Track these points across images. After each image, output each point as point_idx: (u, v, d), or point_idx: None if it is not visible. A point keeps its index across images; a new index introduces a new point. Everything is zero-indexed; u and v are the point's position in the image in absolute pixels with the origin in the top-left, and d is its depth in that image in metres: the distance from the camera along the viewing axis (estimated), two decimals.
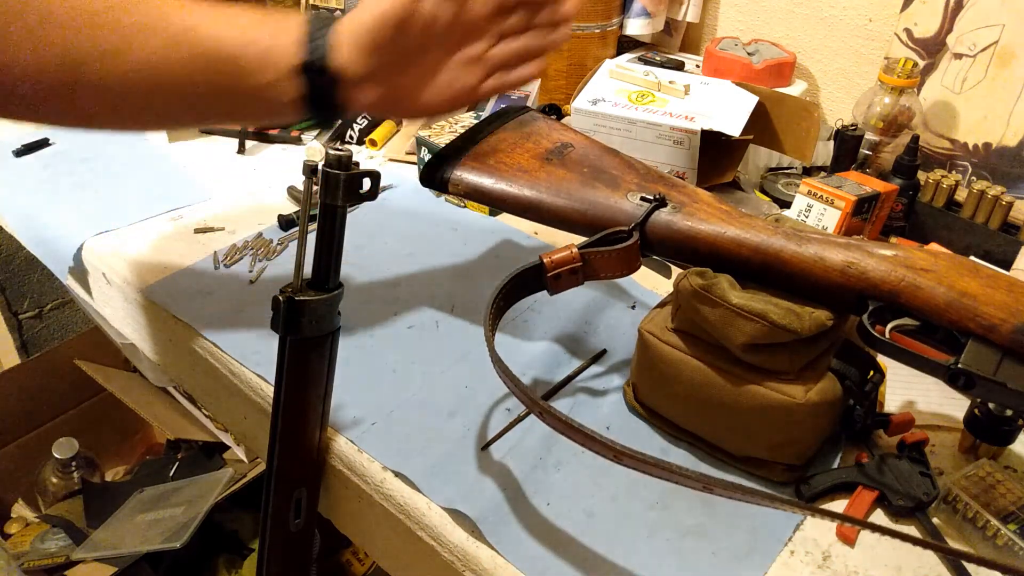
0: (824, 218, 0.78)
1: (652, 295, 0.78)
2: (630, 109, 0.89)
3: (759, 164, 0.98)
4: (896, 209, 0.85)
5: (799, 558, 0.54)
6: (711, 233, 0.57)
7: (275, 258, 0.81)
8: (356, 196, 0.55)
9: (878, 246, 0.54)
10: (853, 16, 1.04)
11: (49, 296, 1.64)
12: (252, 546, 1.30)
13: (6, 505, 1.40)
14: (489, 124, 0.70)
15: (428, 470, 0.58)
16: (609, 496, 0.57)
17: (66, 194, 0.91)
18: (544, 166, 0.65)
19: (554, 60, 1.10)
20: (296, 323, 0.55)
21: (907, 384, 0.67)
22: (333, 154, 0.54)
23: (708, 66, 1.08)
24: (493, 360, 0.53)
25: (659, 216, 0.59)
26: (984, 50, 0.90)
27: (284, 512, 0.59)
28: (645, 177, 0.63)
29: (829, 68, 1.10)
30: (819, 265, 0.54)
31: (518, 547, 0.53)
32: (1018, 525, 0.54)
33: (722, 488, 0.45)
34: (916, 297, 0.51)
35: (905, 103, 0.91)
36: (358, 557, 1.38)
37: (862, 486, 0.57)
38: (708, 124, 0.86)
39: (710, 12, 1.19)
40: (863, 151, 0.93)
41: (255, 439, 0.72)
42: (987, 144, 0.93)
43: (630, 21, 1.15)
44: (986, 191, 0.83)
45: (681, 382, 0.58)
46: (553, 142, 0.68)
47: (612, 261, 0.59)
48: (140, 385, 1.41)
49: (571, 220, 0.62)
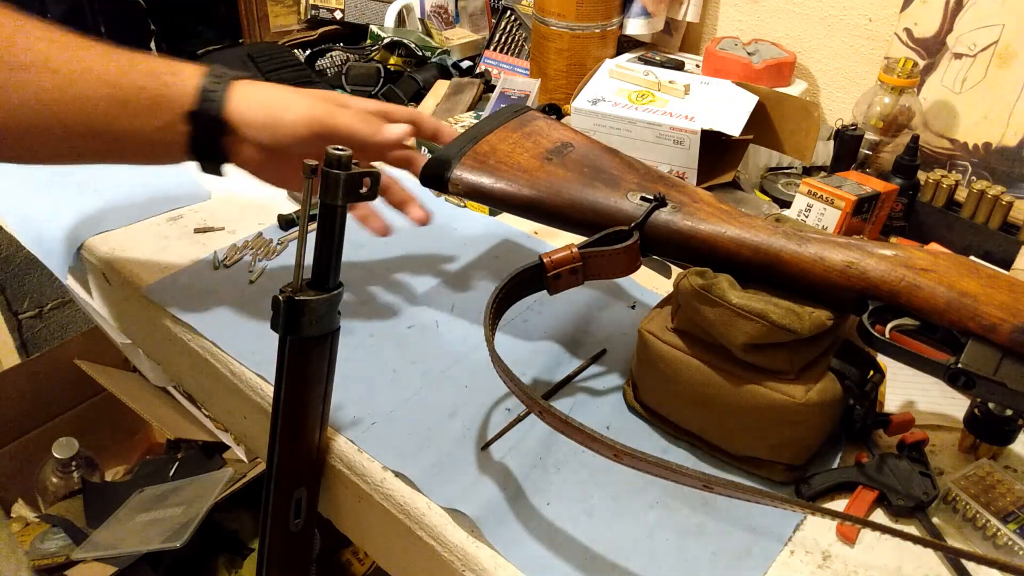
0: (824, 218, 0.78)
1: (652, 295, 0.78)
2: (630, 109, 0.89)
3: (759, 164, 0.98)
4: (896, 209, 0.85)
5: (799, 558, 0.54)
6: (711, 233, 0.57)
7: (275, 258, 0.81)
8: (356, 196, 0.55)
9: (878, 246, 0.54)
10: (853, 16, 1.04)
11: (49, 296, 1.64)
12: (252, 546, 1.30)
13: (6, 505, 1.40)
14: (489, 124, 0.70)
15: (428, 470, 0.58)
16: (609, 496, 0.57)
17: (66, 194, 0.90)
18: (544, 166, 0.65)
19: (554, 60, 1.10)
20: (296, 323, 0.55)
21: (907, 384, 0.67)
22: (333, 154, 0.54)
23: (708, 66, 1.08)
24: (493, 360, 0.53)
25: (659, 216, 0.59)
26: (984, 50, 0.90)
27: (284, 512, 0.59)
28: (645, 177, 0.63)
29: (829, 68, 1.10)
30: (819, 265, 0.54)
31: (518, 547, 0.53)
32: (1018, 525, 0.54)
33: (722, 487, 0.45)
34: (916, 297, 0.51)
35: (905, 103, 0.91)
36: (358, 557, 1.38)
37: (862, 486, 0.57)
38: (708, 124, 0.85)
39: (710, 12, 1.19)
40: (863, 151, 0.93)
41: (255, 439, 0.72)
42: (987, 144, 0.93)
43: (630, 21, 1.15)
44: (986, 191, 0.83)
45: (681, 382, 0.58)
46: (553, 142, 0.68)
47: (612, 261, 0.59)
48: (140, 385, 1.41)
49: (571, 220, 0.62)
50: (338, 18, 1.30)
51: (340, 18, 1.30)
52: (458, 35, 1.27)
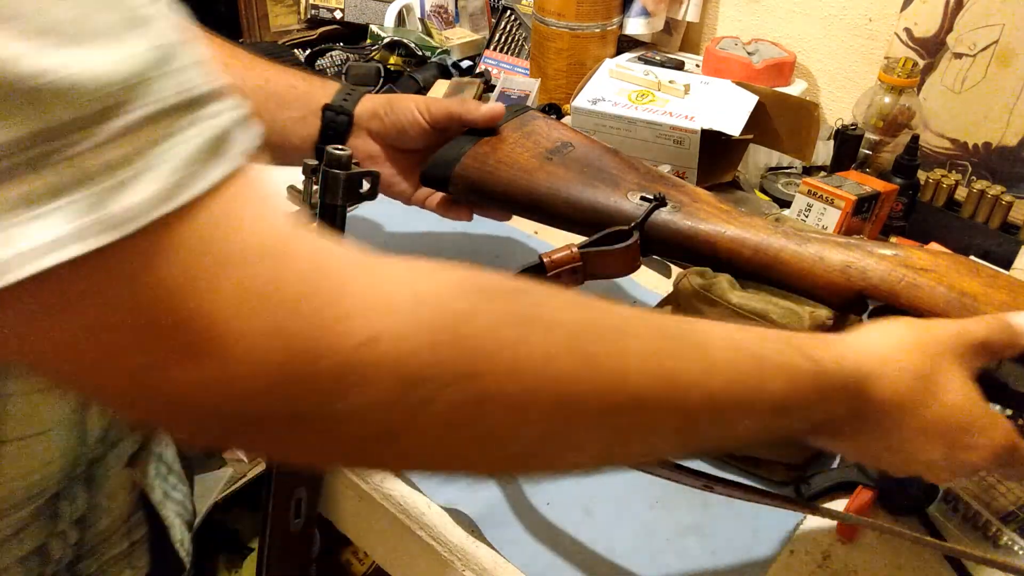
0: (824, 218, 0.78)
1: (652, 295, 0.77)
2: (630, 109, 0.89)
3: (759, 164, 0.98)
4: (896, 209, 0.85)
5: (799, 557, 0.54)
6: (711, 233, 0.57)
7: None
8: (356, 196, 0.55)
9: (878, 245, 0.54)
10: (853, 16, 1.04)
11: None
12: (252, 546, 1.30)
13: None
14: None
15: None
16: (609, 496, 0.57)
17: None
18: (544, 166, 0.65)
19: (554, 60, 1.10)
20: None
21: None
22: (333, 154, 0.54)
23: (708, 66, 1.08)
24: None
25: (659, 216, 0.59)
26: (984, 50, 0.90)
27: (284, 512, 0.59)
28: (645, 177, 0.63)
29: (829, 68, 1.10)
30: (819, 265, 0.54)
31: (518, 546, 0.53)
32: (1018, 525, 0.54)
33: (722, 487, 0.45)
34: (915, 297, 0.51)
35: (905, 103, 0.91)
36: (358, 557, 1.38)
37: (861, 485, 0.57)
38: (708, 124, 0.85)
39: (710, 12, 1.19)
40: (863, 151, 0.93)
41: None
42: (987, 144, 0.93)
43: (630, 21, 1.15)
44: (986, 191, 0.83)
45: None
46: (553, 141, 0.68)
47: (612, 261, 0.59)
48: None
49: (571, 220, 0.62)
50: (338, 18, 1.30)
51: (340, 18, 1.30)
52: (458, 35, 1.27)
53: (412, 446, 0.29)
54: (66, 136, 0.23)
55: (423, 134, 0.68)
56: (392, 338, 0.27)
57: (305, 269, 0.27)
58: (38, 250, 0.23)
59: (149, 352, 0.25)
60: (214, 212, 0.26)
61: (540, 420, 0.31)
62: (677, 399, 0.34)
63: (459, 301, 0.30)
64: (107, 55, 0.23)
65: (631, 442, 0.35)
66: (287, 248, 0.27)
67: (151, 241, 0.25)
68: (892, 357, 0.41)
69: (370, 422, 0.28)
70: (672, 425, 0.35)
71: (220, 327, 0.25)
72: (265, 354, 0.26)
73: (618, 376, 0.32)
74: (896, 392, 0.41)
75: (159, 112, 0.25)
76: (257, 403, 0.26)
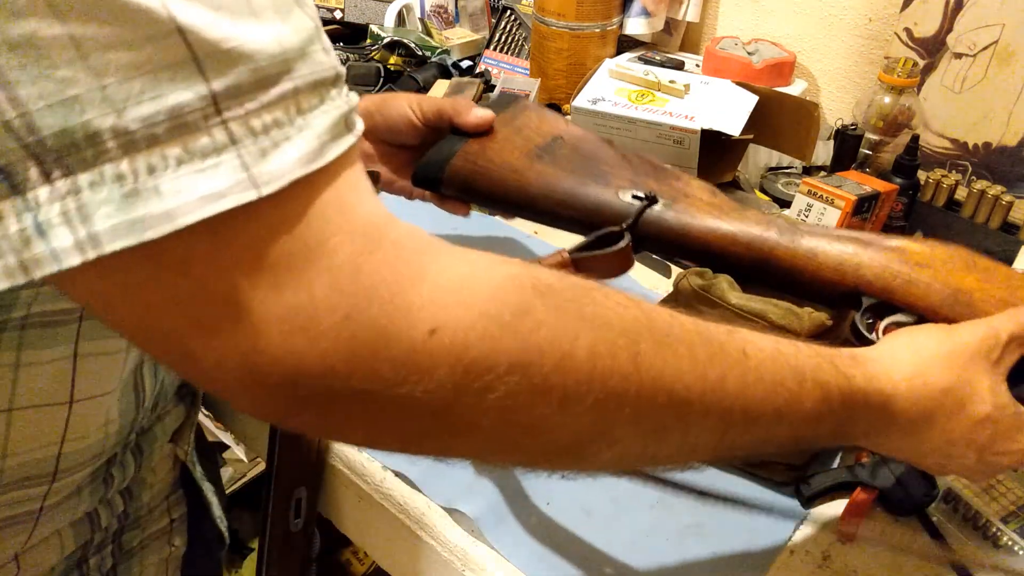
0: (824, 218, 0.78)
1: (652, 295, 0.77)
2: (630, 108, 0.89)
3: (759, 164, 0.98)
4: (896, 209, 0.85)
5: (799, 558, 0.54)
6: (703, 230, 0.57)
7: None
8: None
9: (874, 238, 0.53)
10: (853, 16, 1.04)
11: None
12: (252, 546, 1.30)
13: None
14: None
15: (428, 470, 0.58)
16: (609, 496, 0.57)
17: None
18: (534, 165, 0.64)
19: (554, 60, 1.10)
20: None
21: None
22: None
23: (708, 66, 1.08)
24: None
25: (650, 213, 0.59)
26: (984, 50, 0.90)
27: (284, 512, 0.59)
28: (639, 171, 0.62)
29: (829, 68, 1.10)
30: (812, 261, 0.53)
31: (518, 546, 0.53)
32: (1018, 525, 0.54)
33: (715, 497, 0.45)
34: (911, 294, 0.51)
35: (905, 103, 0.91)
36: (358, 557, 1.38)
37: (861, 486, 0.57)
38: (708, 124, 0.85)
39: (710, 12, 1.19)
40: (863, 151, 0.93)
41: (255, 439, 0.72)
42: (987, 144, 0.93)
43: (630, 20, 1.15)
44: (986, 191, 0.83)
45: None
46: (543, 136, 0.66)
47: (605, 264, 0.58)
48: None
49: (563, 218, 0.62)
50: (338, 18, 1.30)
51: (340, 18, 1.30)
52: (458, 35, 1.27)
53: (465, 432, 0.31)
54: (244, 96, 0.26)
55: (416, 132, 0.68)
56: (457, 328, 0.29)
57: (390, 256, 0.29)
58: (207, 198, 0.25)
59: (247, 316, 0.27)
60: (336, 184, 0.28)
61: (584, 414, 0.32)
62: (717, 405, 0.36)
63: (517, 295, 0.31)
64: (275, 29, 0.26)
65: (668, 442, 0.36)
66: (380, 234, 0.29)
67: (286, 200, 0.27)
68: (919, 372, 0.43)
69: (429, 407, 0.29)
70: (709, 428, 0.37)
71: (309, 307, 0.27)
72: (342, 335, 0.27)
73: (663, 378, 0.34)
74: (924, 408, 0.43)
75: (306, 86, 0.27)
76: (326, 380, 0.27)
